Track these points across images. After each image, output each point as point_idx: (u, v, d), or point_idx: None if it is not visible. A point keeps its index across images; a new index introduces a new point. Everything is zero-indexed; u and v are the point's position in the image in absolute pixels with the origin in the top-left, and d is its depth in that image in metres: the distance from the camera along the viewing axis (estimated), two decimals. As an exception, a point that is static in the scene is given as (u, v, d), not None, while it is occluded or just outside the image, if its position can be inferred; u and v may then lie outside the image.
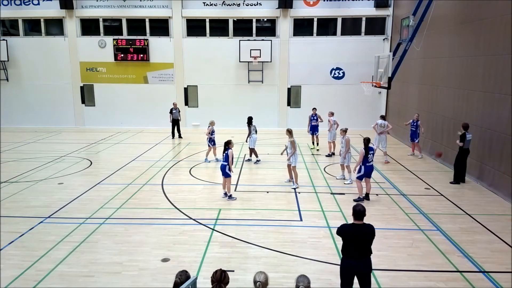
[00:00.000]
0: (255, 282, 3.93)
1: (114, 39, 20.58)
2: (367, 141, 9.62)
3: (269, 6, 20.15)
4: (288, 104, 21.08)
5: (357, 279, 5.15)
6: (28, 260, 6.76)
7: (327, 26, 20.79)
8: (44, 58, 21.07)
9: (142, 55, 20.63)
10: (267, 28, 20.79)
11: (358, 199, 9.59)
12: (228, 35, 20.64)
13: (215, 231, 8.02)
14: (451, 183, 11.24)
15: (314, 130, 15.53)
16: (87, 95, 21.51)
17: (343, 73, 20.62)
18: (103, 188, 10.81)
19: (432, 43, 14.41)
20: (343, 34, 20.38)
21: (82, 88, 21.40)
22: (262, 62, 20.21)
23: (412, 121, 14.34)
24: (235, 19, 20.54)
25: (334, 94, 20.61)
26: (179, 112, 18.34)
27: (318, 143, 15.60)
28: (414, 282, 6.20)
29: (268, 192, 10.51)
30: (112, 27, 21.06)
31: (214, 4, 20.30)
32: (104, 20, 20.90)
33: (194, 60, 20.79)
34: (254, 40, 20.31)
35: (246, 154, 14.59)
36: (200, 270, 6.47)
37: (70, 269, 6.54)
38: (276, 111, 21.04)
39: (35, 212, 9.01)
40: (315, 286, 5.50)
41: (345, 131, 11.47)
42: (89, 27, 21.13)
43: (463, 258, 6.90)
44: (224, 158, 9.91)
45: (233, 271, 6.35)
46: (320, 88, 20.73)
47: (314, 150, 15.43)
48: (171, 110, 18.14)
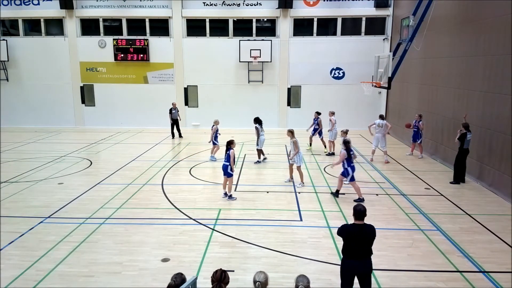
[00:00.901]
0: (254, 282, 3.93)
1: (114, 39, 20.58)
2: (348, 143, 9.83)
3: (269, 6, 20.15)
4: (288, 104, 21.08)
5: (357, 279, 5.15)
6: (28, 260, 6.76)
7: (327, 26, 20.79)
8: (44, 58, 21.07)
9: (142, 55, 20.63)
10: (267, 28, 20.79)
11: (359, 200, 9.60)
12: (228, 35, 20.64)
13: (215, 231, 8.02)
14: (451, 183, 11.24)
15: (314, 132, 15.40)
16: (87, 95, 21.50)
17: (343, 73, 20.62)
18: (103, 188, 10.81)
19: (432, 43, 14.41)
20: (343, 34, 20.38)
21: (82, 88, 21.40)
22: (262, 62, 20.21)
23: (414, 121, 14.29)
24: (235, 19, 20.54)
25: (334, 94, 20.61)
26: (178, 112, 18.33)
27: (311, 143, 15.58)
28: (414, 282, 6.20)
29: (268, 192, 10.51)
30: (112, 27, 21.06)
31: (214, 4, 20.30)
32: (104, 20, 20.90)
33: (194, 60, 20.78)
34: (254, 40, 20.31)
35: (246, 155, 14.58)
36: (200, 270, 6.47)
37: (70, 269, 6.53)
38: (276, 111, 21.04)
39: (35, 212, 9.01)
40: (315, 286, 5.49)
41: (345, 132, 11.47)
42: (89, 27, 21.13)
43: (463, 258, 6.90)
44: (226, 158, 9.90)
45: (233, 271, 6.35)
46: (320, 88, 20.73)
47: (310, 151, 15.32)
48: (171, 110, 18.15)
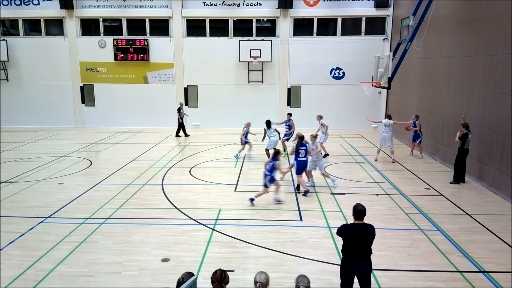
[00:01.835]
0: (255, 283, 3.93)
1: (114, 39, 20.58)
2: (300, 138, 10.21)
3: (269, 6, 20.15)
4: (288, 104, 21.07)
5: (357, 279, 5.15)
6: (28, 260, 6.76)
7: (327, 26, 20.78)
8: (44, 58, 21.06)
9: (142, 55, 20.62)
10: (267, 28, 20.78)
11: (302, 190, 10.27)
12: (228, 35, 20.63)
13: (215, 231, 8.02)
14: (451, 183, 11.24)
15: (286, 136, 14.59)
16: (87, 95, 21.50)
17: (343, 73, 20.61)
18: (103, 188, 10.81)
19: (432, 43, 14.41)
20: (343, 34, 20.37)
21: (82, 88, 21.39)
22: (262, 62, 20.20)
23: (412, 122, 14.27)
24: (235, 19, 20.53)
25: (334, 94, 20.61)
26: (183, 111, 18.80)
27: (285, 148, 14.58)
28: (414, 282, 6.20)
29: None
30: (112, 27, 21.05)
31: (214, 4, 20.29)
32: (104, 20, 20.89)
33: (194, 60, 20.78)
34: (254, 40, 20.30)
35: (245, 155, 14.56)
36: (200, 270, 6.47)
37: (70, 269, 6.54)
38: (276, 111, 21.02)
39: (35, 212, 9.01)
40: (315, 286, 5.49)
41: (314, 137, 11.13)
42: (89, 27, 21.12)
43: (463, 258, 6.90)
44: (269, 168, 9.44)
45: (233, 271, 6.35)
46: (320, 88, 20.72)
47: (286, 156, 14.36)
48: (179, 109, 18.60)
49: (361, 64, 19.59)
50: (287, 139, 14.64)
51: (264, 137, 14.16)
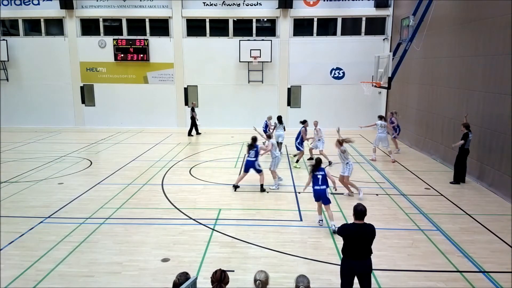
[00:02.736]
0: (255, 281, 3.94)
1: (114, 39, 20.57)
2: (253, 140, 10.69)
3: (269, 6, 20.14)
4: (288, 104, 21.07)
5: (357, 279, 5.15)
6: (28, 260, 6.76)
7: (327, 26, 20.78)
8: (44, 58, 21.05)
9: (142, 55, 20.62)
10: (267, 28, 20.78)
11: (261, 186, 10.61)
12: (228, 35, 20.63)
13: (215, 231, 8.02)
14: (451, 183, 11.24)
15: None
16: (87, 95, 21.49)
17: (343, 73, 20.61)
18: (103, 188, 10.81)
19: (432, 43, 14.41)
20: (343, 34, 20.36)
21: (82, 88, 21.39)
22: (262, 62, 20.20)
23: (390, 118, 14.88)
24: (235, 19, 20.53)
25: (334, 94, 20.60)
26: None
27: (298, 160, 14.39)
28: (414, 282, 6.20)
29: (268, 192, 10.51)
30: (112, 27, 21.05)
31: (214, 4, 20.29)
32: (104, 20, 20.89)
33: (194, 60, 20.78)
34: (254, 40, 20.30)
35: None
36: (200, 270, 6.48)
37: (70, 269, 6.54)
38: (276, 111, 20.97)
39: (35, 212, 9.01)
40: (315, 286, 5.49)
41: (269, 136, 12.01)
42: (89, 27, 21.12)
43: (463, 258, 6.90)
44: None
45: (233, 271, 6.35)
46: (320, 88, 20.72)
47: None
48: (192, 108, 18.90)
49: (361, 64, 19.58)
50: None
51: (274, 128, 14.99)
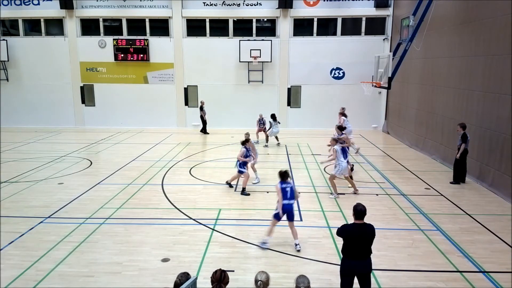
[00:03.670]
0: (256, 281, 3.95)
1: (114, 39, 20.57)
2: (242, 142, 10.85)
3: (269, 6, 20.14)
4: (288, 104, 21.07)
5: (357, 279, 5.15)
6: (28, 260, 6.76)
7: (327, 26, 20.78)
8: (44, 58, 21.05)
9: (142, 55, 20.62)
10: (267, 28, 20.78)
11: (242, 189, 10.53)
12: (228, 35, 20.63)
13: (215, 231, 8.02)
14: (451, 183, 11.24)
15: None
16: (87, 95, 21.49)
17: (343, 73, 20.61)
18: (103, 188, 10.81)
19: (432, 43, 14.41)
20: (343, 34, 20.36)
21: (82, 88, 21.39)
22: (262, 62, 20.19)
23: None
24: (235, 19, 20.53)
25: (334, 94, 20.59)
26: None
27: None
28: (414, 282, 6.20)
29: (268, 192, 10.51)
30: (112, 27, 21.05)
31: (214, 4, 20.29)
32: (104, 20, 20.89)
33: (194, 60, 20.77)
34: (254, 40, 20.29)
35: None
36: (200, 270, 6.48)
37: (70, 269, 6.54)
38: (276, 111, 20.97)
39: (35, 212, 9.01)
40: (315, 286, 5.49)
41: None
42: (89, 27, 21.12)
43: (463, 258, 6.90)
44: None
45: (233, 271, 6.35)
46: (320, 88, 20.72)
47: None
48: (201, 107, 19.17)
49: (361, 64, 19.57)
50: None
51: (270, 127, 16.22)
